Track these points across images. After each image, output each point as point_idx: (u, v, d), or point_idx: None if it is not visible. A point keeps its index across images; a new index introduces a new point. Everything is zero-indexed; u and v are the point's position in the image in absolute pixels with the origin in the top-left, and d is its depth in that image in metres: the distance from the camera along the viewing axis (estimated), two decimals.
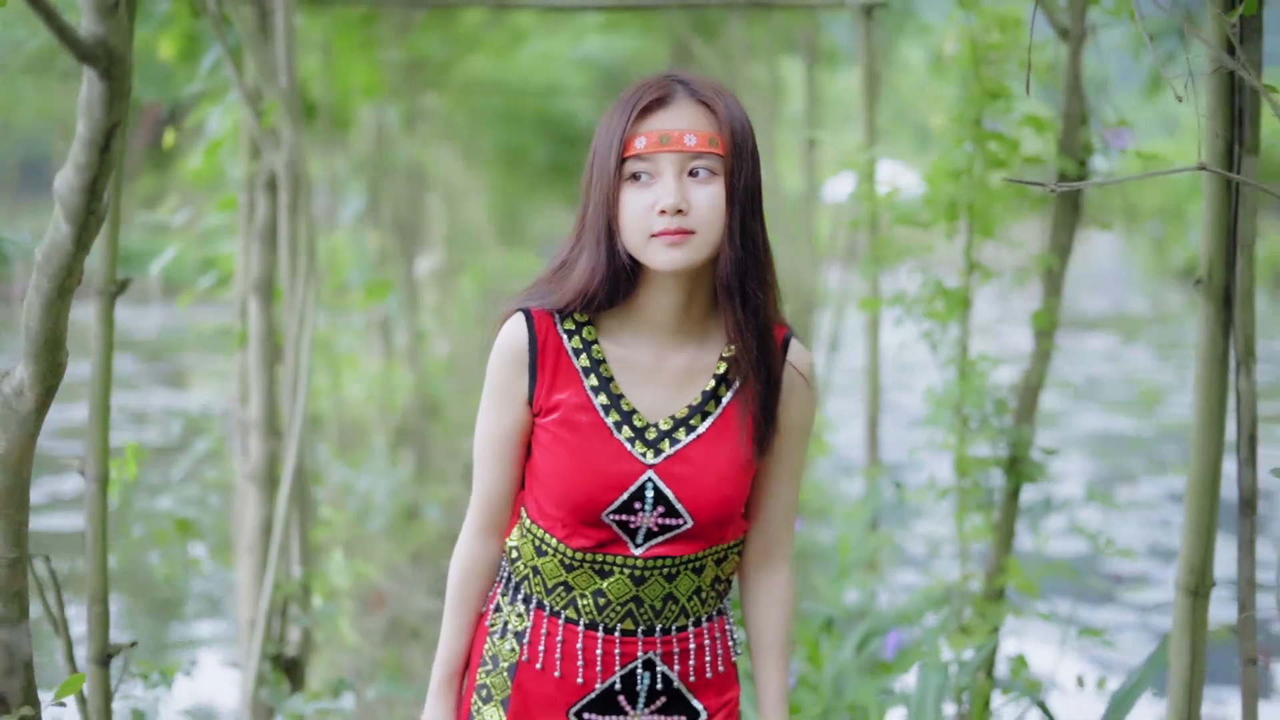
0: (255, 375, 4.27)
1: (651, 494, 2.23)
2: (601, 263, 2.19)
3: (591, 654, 2.29)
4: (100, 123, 1.66)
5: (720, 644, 2.38)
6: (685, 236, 2.12)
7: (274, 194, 4.25)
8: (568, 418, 2.23)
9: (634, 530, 2.24)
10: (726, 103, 2.19)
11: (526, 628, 2.31)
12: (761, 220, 2.21)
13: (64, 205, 1.77)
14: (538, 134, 17.52)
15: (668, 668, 2.32)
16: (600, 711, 2.32)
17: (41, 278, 1.85)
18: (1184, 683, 3.23)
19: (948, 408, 4.10)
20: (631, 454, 2.23)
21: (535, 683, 2.31)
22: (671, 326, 2.26)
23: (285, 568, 4.20)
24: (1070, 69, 4.06)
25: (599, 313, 2.26)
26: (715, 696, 2.38)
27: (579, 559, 2.26)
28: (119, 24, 1.61)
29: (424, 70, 8.66)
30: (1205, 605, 3.21)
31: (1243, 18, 2.99)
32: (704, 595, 2.34)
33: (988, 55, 3.95)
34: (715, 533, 2.29)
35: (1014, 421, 4.13)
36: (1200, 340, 3.16)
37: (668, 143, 2.14)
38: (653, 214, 2.13)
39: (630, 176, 2.17)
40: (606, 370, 2.25)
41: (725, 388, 2.28)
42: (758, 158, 2.21)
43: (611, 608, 2.27)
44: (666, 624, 2.31)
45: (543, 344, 2.24)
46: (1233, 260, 3.13)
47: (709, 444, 2.26)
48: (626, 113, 2.18)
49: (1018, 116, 4.13)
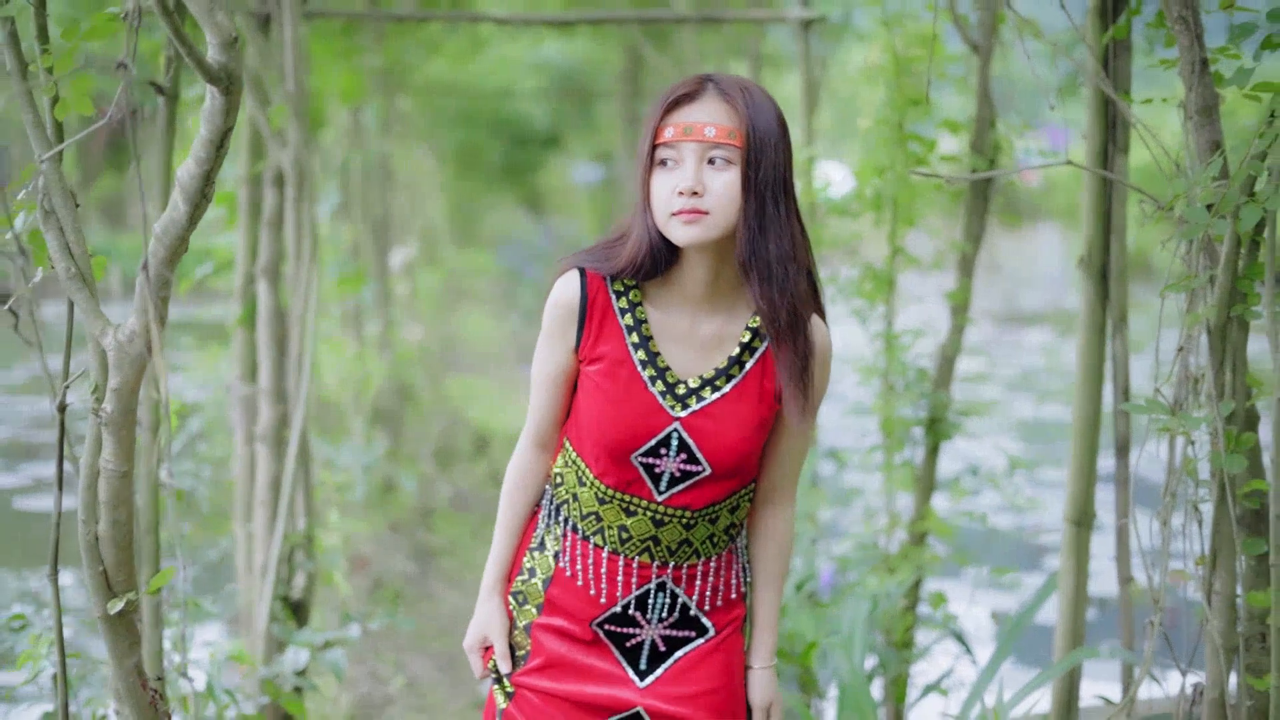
0: (264, 349, 4.79)
1: (676, 442, 2.53)
2: (644, 237, 2.48)
3: (614, 575, 2.59)
4: (219, 127, 2.21)
5: (728, 575, 2.67)
6: (699, 216, 2.40)
7: (280, 188, 4.78)
8: (609, 369, 2.54)
9: (658, 475, 2.55)
10: (751, 101, 2.44)
11: (562, 547, 2.63)
12: (789, 208, 2.45)
13: (183, 189, 2.30)
14: (493, 135, 17.97)
15: (680, 589, 2.62)
16: (619, 625, 2.62)
17: (159, 246, 2.39)
18: (1071, 600, 3.81)
19: (876, 375, 4.70)
20: (662, 406, 2.53)
21: (567, 593, 2.62)
22: (704, 296, 2.54)
23: (292, 520, 4.74)
24: (980, 79, 4.65)
25: (645, 281, 2.55)
26: (723, 615, 2.66)
27: (610, 494, 2.57)
28: (236, 55, 2.15)
29: (393, 74, 9.18)
30: (1088, 534, 3.80)
31: (1115, 39, 3.58)
32: (716, 539, 2.63)
33: (908, 67, 4.53)
34: (730, 485, 2.58)
35: (933, 387, 4.72)
36: (1082, 310, 3.75)
37: (690, 133, 2.41)
38: (674, 195, 2.42)
39: (660, 162, 2.45)
40: (647, 330, 2.55)
41: (749, 354, 2.57)
42: (785, 152, 2.45)
43: (633, 542, 2.58)
44: (680, 561, 2.60)
45: (592, 301, 2.54)
46: (1108, 243, 3.72)
47: (731, 403, 2.54)
48: (661, 106, 2.47)
49: (936, 120, 4.72)
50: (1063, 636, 3.80)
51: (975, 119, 4.63)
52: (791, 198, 2.47)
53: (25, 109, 2.55)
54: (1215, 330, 2.85)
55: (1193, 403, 2.98)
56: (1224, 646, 2.92)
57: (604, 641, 2.63)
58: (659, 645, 2.64)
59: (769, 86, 11.11)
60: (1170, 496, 3.11)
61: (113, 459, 2.56)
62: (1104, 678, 5.42)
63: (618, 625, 2.63)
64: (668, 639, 2.64)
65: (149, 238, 2.45)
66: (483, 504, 9.12)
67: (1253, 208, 2.64)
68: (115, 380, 2.51)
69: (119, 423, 2.54)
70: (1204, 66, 2.89)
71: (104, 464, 2.56)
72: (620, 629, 2.63)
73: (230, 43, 2.14)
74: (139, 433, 3.47)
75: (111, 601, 2.62)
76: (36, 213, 2.56)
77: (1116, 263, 3.72)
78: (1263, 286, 2.73)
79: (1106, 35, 3.57)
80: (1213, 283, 2.85)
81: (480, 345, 16.13)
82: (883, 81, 4.53)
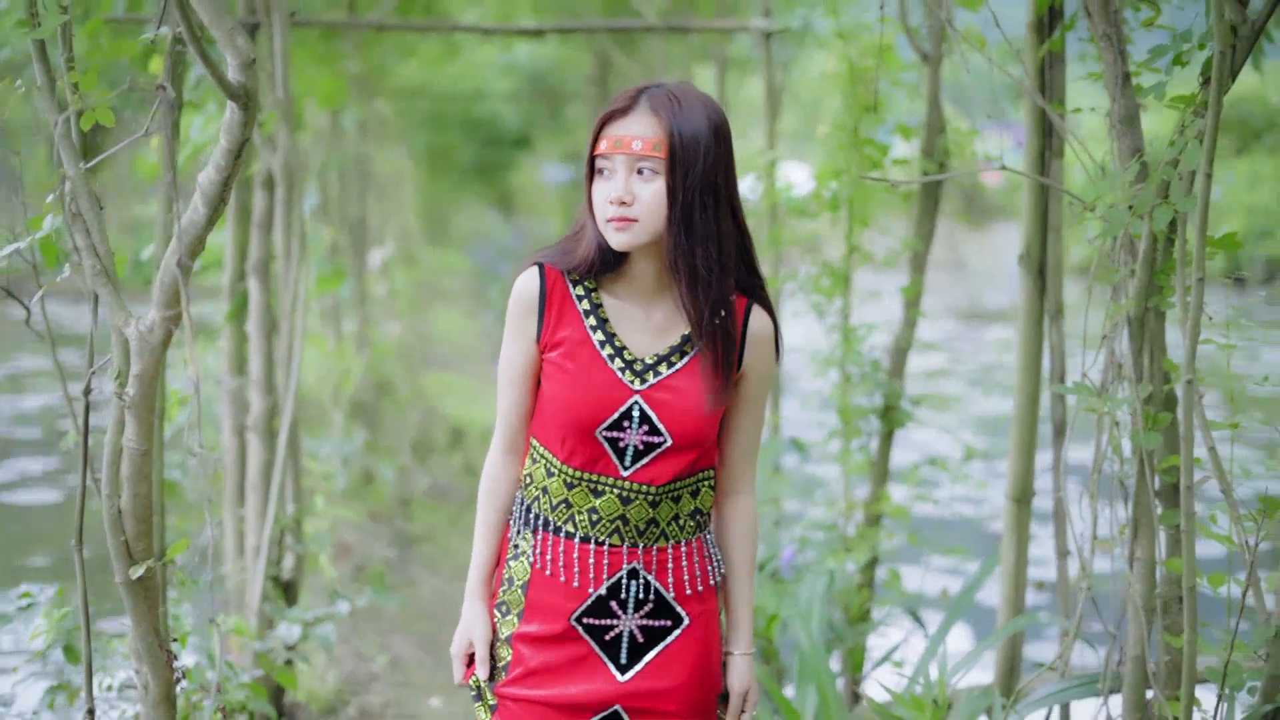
0: (255, 343, 5.05)
1: (638, 414, 2.64)
2: (593, 240, 2.65)
3: (585, 562, 2.67)
4: (237, 138, 2.47)
5: (700, 565, 2.76)
6: (628, 223, 2.57)
7: (270, 190, 5.03)
8: (570, 350, 2.67)
9: (623, 450, 2.66)
10: (679, 112, 2.57)
11: (534, 546, 2.72)
12: (718, 212, 2.60)
13: (204, 194, 2.57)
14: (463, 136, 18.17)
15: (652, 576, 2.70)
16: (596, 617, 2.69)
17: (179, 245, 2.65)
18: (1012, 572, 4.11)
19: (833, 365, 4.99)
20: (622, 381, 2.65)
21: (544, 592, 2.70)
22: (654, 288, 2.69)
23: (281, 505, 5.00)
24: (930, 86, 4.94)
25: (599, 276, 2.71)
26: (697, 604, 2.75)
27: (577, 477, 2.67)
28: (253, 74, 2.42)
29: (370, 79, 9.43)
30: (1028, 509, 4.10)
31: (1051, 51, 3.87)
32: (682, 523, 2.72)
33: (862, 75, 4.82)
34: (690, 456, 2.68)
35: (887, 377, 5.01)
36: (1021, 302, 4.04)
37: (620, 146, 2.57)
38: (607, 203, 2.59)
39: (598, 171, 2.62)
40: (604, 314, 2.69)
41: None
42: (715, 159, 2.58)
43: (602, 524, 2.67)
44: (649, 543, 2.69)
45: (551, 291, 2.69)
46: (1045, 240, 4.01)
47: (685, 378, 2.67)
48: (599, 119, 2.63)
49: (890, 125, 5.01)
50: (1005, 606, 4.09)
51: (925, 124, 4.92)
52: (724, 201, 2.62)
53: (51, 116, 2.80)
54: (1135, 320, 3.14)
55: (1116, 386, 3.27)
56: (1144, 608, 3.21)
57: (584, 638, 2.70)
58: (637, 637, 2.71)
59: (734, 90, 11.42)
60: (1097, 473, 3.42)
61: (134, 438, 2.82)
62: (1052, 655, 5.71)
63: (595, 617, 2.70)
64: (645, 629, 2.71)
65: (169, 237, 2.72)
66: (459, 494, 9.43)
67: (1165, 209, 2.92)
68: (137, 367, 2.78)
69: (140, 405, 2.80)
70: (1126, 79, 3.18)
71: (126, 443, 2.83)
72: (598, 620, 2.70)
73: (249, 64, 2.41)
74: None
75: (133, 568, 2.88)
76: (64, 215, 2.82)
77: (1052, 259, 4.01)
78: (1177, 280, 3.01)
79: (1042, 49, 3.86)
80: (1134, 276, 3.14)
81: (453, 342, 16.39)
82: (838, 90, 4.81)
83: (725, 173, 2.61)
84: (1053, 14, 3.88)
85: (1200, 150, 2.79)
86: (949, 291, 22.49)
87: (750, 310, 2.73)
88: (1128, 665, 3.26)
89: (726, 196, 2.62)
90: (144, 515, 2.90)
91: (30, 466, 10.49)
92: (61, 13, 2.74)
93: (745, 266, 2.70)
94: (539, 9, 10.38)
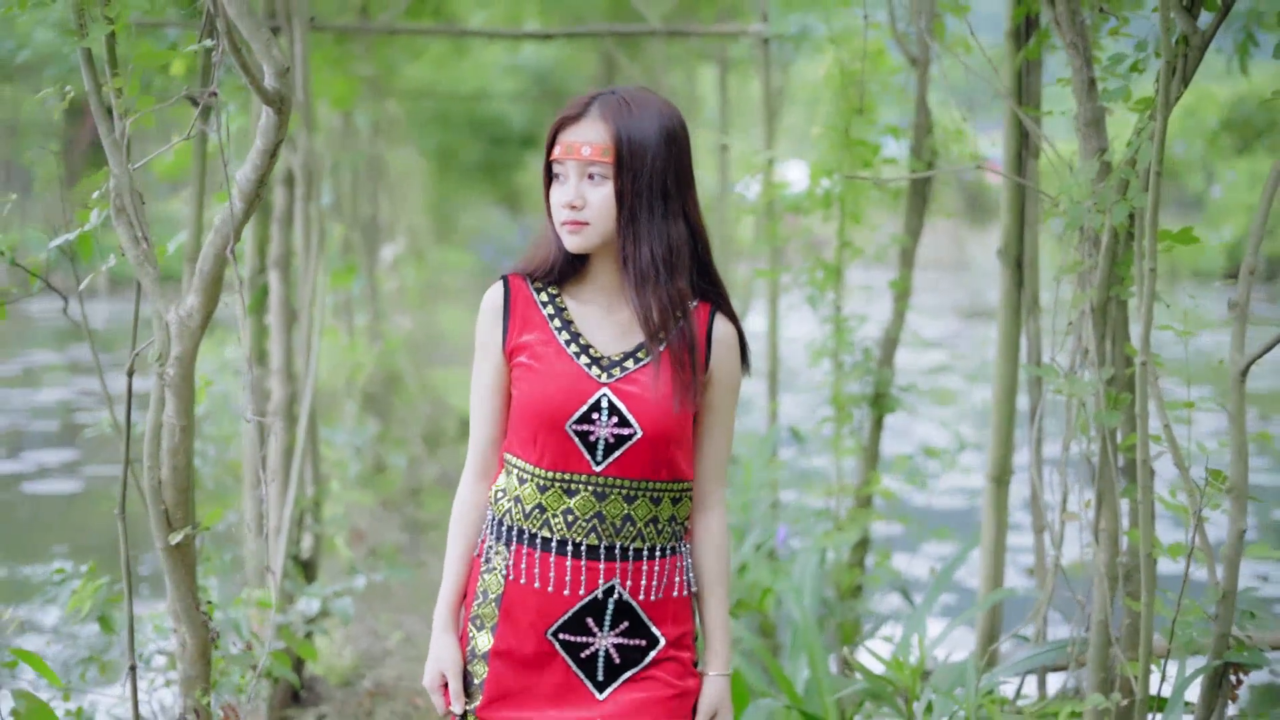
0: (276, 333, 5.31)
1: (606, 406, 2.65)
2: (553, 242, 2.73)
3: (562, 572, 2.67)
4: (272, 140, 2.73)
5: (674, 574, 2.74)
6: (580, 226, 2.64)
7: (290, 188, 5.29)
8: (536, 351, 2.70)
9: (593, 443, 2.66)
10: (629, 117, 2.63)
11: (509, 558, 2.71)
12: (664, 214, 2.64)
13: (242, 191, 2.82)
14: (469, 134, 18.40)
15: (626, 592, 2.68)
16: (573, 633, 2.68)
17: (217, 237, 2.90)
18: (991, 548, 4.35)
19: (825, 355, 5.24)
20: (589, 375, 2.67)
21: (519, 605, 2.70)
22: (615, 288, 2.72)
23: (301, 487, 5.25)
24: (919, 89, 5.19)
25: (563, 277, 2.76)
26: (672, 625, 2.74)
27: (550, 479, 2.67)
28: (288, 81, 2.67)
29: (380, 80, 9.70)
30: (1006, 489, 4.34)
31: (1028, 58, 4.12)
32: (660, 527, 2.71)
33: (854, 79, 5.06)
34: (665, 454, 2.68)
35: (877, 366, 5.27)
36: (1001, 294, 4.29)
37: (570, 152, 2.64)
38: (561, 207, 2.66)
39: (555, 176, 2.70)
40: (568, 315, 2.73)
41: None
42: (664, 163, 2.64)
43: (578, 524, 2.66)
44: (625, 544, 2.68)
45: (514, 298, 2.75)
46: (1022, 235, 4.26)
47: (651, 373, 2.67)
48: (553, 125, 2.71)
49: (880, 126, 5.26)
50: (984, 580, 4.34)
51: (914, 125, 5.17)
52: (674, 203, 2.66)
53: (100, 124, 3.06)
54: (1097, 308, 3.39)
55: (1083, 370, 3.52)
56: (1107, 576, 3.46)
57: (559, 655, 2.70)
58: (614, 657, 2.71)
59: (736, 90, 11.69)
60: (1066, 450, 3.68)
61: (174, 415, 3.07)
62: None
63: (572, 633, 2.69)
64: (621, 649, 2.71)
65: (199, 230, 2.98)
66: None
67: (1123, 205, 3.17)
68: (177, 349, 3.03)
69: (179, 384, 3.06)
70: (1092, 85, 3.43)
71: (166, 419, 3.08)
72: (574, 637, 2.70)
73: (284, 72, 2.66)
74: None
75: (172, 534, 3.13)
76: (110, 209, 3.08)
77: (1029, 252, 4.26)
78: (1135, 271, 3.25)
79: (1019, 56, 4.11)
80: (1097, 268, 3.39)
81: (458, 339, 16.65)
82: (829, 93, 5.06)
83: (676, 176, 2.66)
84: (1029, 23, 4.13)
85: (1152, 150, 3.04)
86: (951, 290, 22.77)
87: (714, 316, 2.75)
88: (1093, 629, 3.50)
89: (678, 198, 2.67)
90: (182, 486, 3.15)
91: (47, 458, 10.77)
92: (107, 24, 2.99)
93: (699, 270, 2.73)
94: (545, 11, 10.66)
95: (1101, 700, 3.34)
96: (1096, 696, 3.36)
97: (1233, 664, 3.12)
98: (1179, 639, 3.10)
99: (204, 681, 3.23)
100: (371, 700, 5.27)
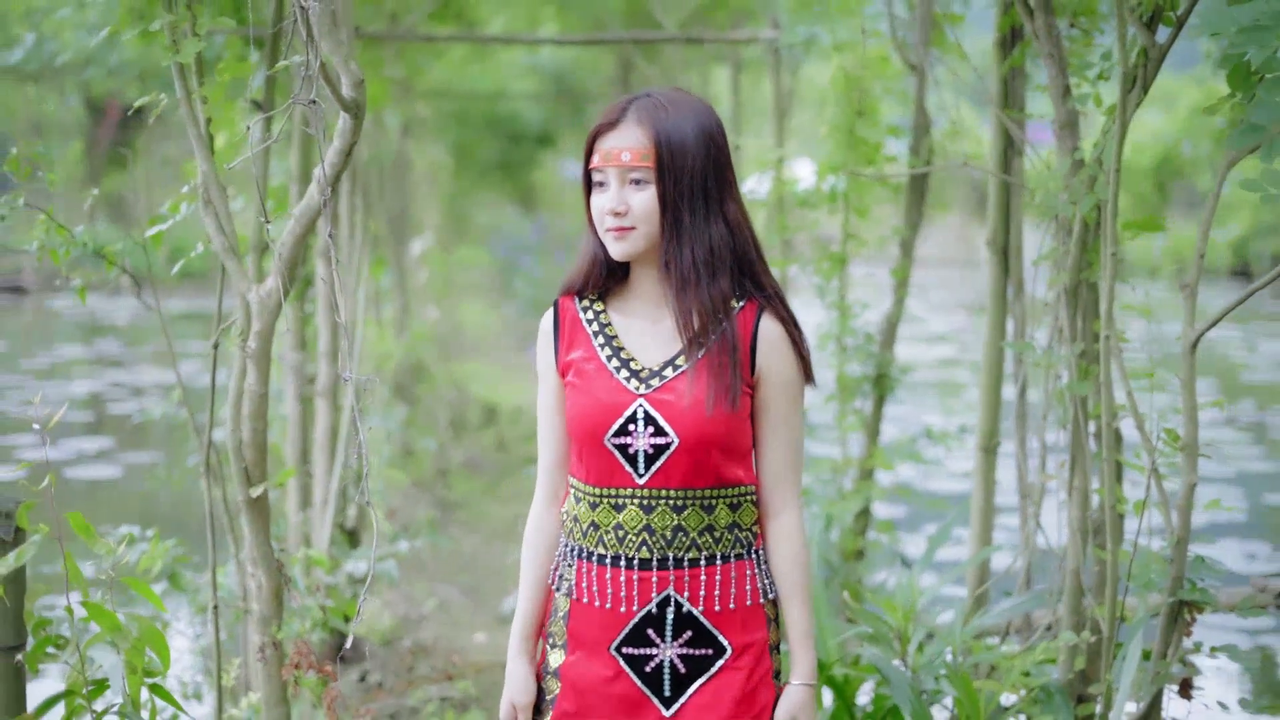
0: (323, 318, 5.74)
1: (643, 416, 2.64)
2: (594, 252, 2.75)
3: (617, 588, 2.67)
4: (348, 141, 3.16)
5: (742, 583, 2.70)
6: (626, 232, 2.64)
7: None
8: (580, 368, 2.72)
9: (633, 456, 2.65)
10: (667, 120, 2.63)
11: (571, 578, 2.74)
12: (709, 214, 2.64)
13: (319, 185, 3.25)
14: (488, 134, 18.80)
15: (687, 602, 2.67)
16: (636, 645, 2.68)
17: (297, 225, 3.33)
18: (980, 511, 4.78)
19: (831, 338, 5.67)
20: (625, 387, 2.67)
21: (583, 623, 2.72)
22: (657, 296, 2.72)
23: (346, 462, 5.69)
24: (918, 93, 5.61)
25: (605, 291, 2.79)
26: (741, 633, 2.70)
27: (599, 495, 2.69)
28: (362, 90, 3.10)
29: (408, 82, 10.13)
30: (994, 458, 4.76)
31: (1013, 66, 4.54)
32: (718, 535, 2.68)
33: (857, 83, 5.48)
34: (707, 460, 2.64)
35: (879, 349, 5.70)
36: (989, 281, 4.71)
37: (610, 159, 2.64)
38: (604, 214, 2.66)
39: (596, 184, 2.69)
40: (611, 330, 2.74)
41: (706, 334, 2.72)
42: (704, 163, 2.63)
43: (629, 538, 2.66)
44: (679, 554, 2.66)
45: (562, 319, 2.78)
46: (1009, 227, 4.68)
47: (688, 379, 2.64)
48: (591, 133, 2.71)
49: (883, 127, 5.68)
50: (974, 540, 4.76)
51: (914, 126, 5.60)
52: (714, 203, 2.65)
53: (190, 126, 3.50)
54: (1069, 290, 3.82)
55: (1059, 346, 3.95)
56: (1079, 530, 3.88)
57: (625, 671, 2.69)
58: (679, 667, 2.69)
59: (749, 91, 12.10)
60: (1044, 419, 4.11)
61: (255, 383, 3.50)
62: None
63: (634, 646, 2.69)
64: (686, 659, 2.69)
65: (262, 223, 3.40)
66: (492, 467, 10.25)
67: (1089, 198, 3.59)
68: (257, 324, 3.46)
69: (259, 356, 3.49)
70: (1066, 91, 3.84)
71: (248, 387, 3.51)
72: (637, 650, 2.69)
73: (359, 83, 3.09)
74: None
75: (252, 488, 3.56)
76: (199, 202, 3.52)
77: (1015, 242, 4.68)
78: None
79: (1005, 64, 4.53)
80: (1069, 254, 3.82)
81: (479, 331, 17.16)
82: (835, 96, 5.48)
83: (716, 176, 2.66)
84: (1014, 34, 4.54)
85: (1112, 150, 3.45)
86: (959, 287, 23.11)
87: (761, 315, 2.70)
88: (1066, 577, 3.92)
89: (718, 199, 2.66)
90: (260, 446, 3.58)
91: (85, 446, 11.25)
92: (198, 40, 3.43)
93: (743, 269, 2.70)
94: (564, 14, 11.09)
95: (1073, 637, 3.76)
96: (1069, 634, 3.77)
97: (1186, 602, 3.52)
98: (1137, 579, 3.50)
99: (278, 619, 3.65)
100: (413, 657, 5.72)
